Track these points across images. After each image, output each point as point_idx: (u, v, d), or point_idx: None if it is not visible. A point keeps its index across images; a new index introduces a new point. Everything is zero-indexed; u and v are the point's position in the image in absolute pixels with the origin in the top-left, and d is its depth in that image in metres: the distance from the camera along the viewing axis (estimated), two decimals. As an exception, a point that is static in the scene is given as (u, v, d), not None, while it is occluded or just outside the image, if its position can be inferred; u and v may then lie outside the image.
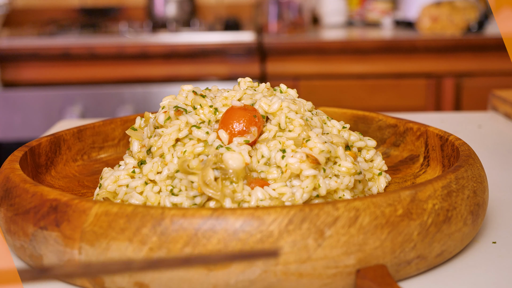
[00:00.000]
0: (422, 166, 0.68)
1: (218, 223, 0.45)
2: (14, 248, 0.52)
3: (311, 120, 0.61)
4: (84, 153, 0.72)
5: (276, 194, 0.54)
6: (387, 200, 0.48)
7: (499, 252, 0.54)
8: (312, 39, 2.24)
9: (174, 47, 2.01)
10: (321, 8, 2.57)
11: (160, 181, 0.57)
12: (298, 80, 2.17)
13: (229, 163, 0.54)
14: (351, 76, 2.19)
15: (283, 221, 0.45)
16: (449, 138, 0.64)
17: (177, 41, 2.04)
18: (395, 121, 0.73)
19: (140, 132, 0.64)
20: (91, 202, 0.48)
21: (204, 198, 0.54)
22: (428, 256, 0.49)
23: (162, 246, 0.45)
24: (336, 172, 0.57)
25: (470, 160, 0.57)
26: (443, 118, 1.14)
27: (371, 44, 2.16)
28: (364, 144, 0.64)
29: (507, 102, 1.08)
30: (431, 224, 0.49)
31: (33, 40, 2.09)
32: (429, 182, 0.51)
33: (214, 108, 0.61)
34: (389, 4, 2.58)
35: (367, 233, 0.46)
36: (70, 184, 0.65)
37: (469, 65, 2.16)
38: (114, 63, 1.98)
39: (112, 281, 0.46)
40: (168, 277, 0.45)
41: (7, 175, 0.55)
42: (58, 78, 2.03)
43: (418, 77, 2.18)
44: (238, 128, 0.58)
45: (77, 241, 0.47)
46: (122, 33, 2.18)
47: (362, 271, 0.46)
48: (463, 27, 2.19)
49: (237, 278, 0.44)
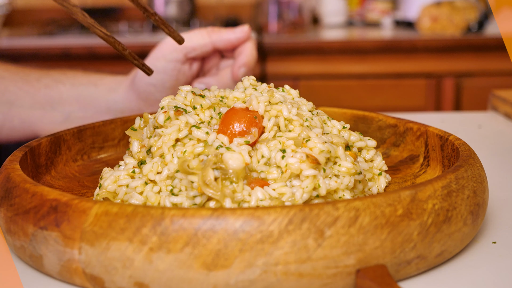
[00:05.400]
0: (422, 166, 0.68)
1: (218, 223, 0.45)
2: (14, 248, 0.52)
3: (311, 120, 0.61)
4: (84, 153, 0.72)
5: (276, 194, 0.54)
6: (387, 200, 0.48)
7: (499, 252, 0.54)
8: (312, 39, 2.25)
9: (174, 47, 2.01)
10: (321, 8, 2.57)
11: (160, 181, 0.57)
12: (298, 80, 2.17)
13: (229, 163, 0.54)
14: (351, 76, 2.19)
15: (283, 221, 0.45)
16: (449, 138, 0.64)
17: (177, 41, 2.04)
18: (395, 121, 0.73)
19: (140, 132, 0.64)
20: (91, 202, 0.48)
21: (204, 198, 0.54)
22: (428, 256, 0.49)
23: (162, 246, 0.45)
24: (336, 172, 0.57)
25: (470, 160, 0.57)
26: (443, 118, 1.14)
27: (371, 44, 2.16)
28: (364, 144, 0.64)
29: (507, 102, 1.08)
30: (431, 224, 0.49)
31: (33, 40, 2.09)
32: (429, 182, 0.51)
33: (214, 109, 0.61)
34: (389, 4, 2.58)
35: (367, 233, 0.46)
36: (70, 184, 0.65)
37: (469, 65, 2.17)
38: (114, 63, 1.98)
39: (112, 281, 0.46)
40: (168, 277, 0.45)
41: (7, 175, 0.55)
42: (58, 78, 2.02)
43: (418, 77, 2.18)
44: (238, 129, 0.58)
45: (77, 241, 0.47)
46: (122, 33, 2.18)
47: (362, 271, 0.46)
48: (463, 27, 2.19)
49: (237, 278, 0.44)
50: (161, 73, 0.88)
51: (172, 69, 0.88)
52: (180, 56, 0.88)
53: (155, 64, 0.88)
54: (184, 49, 0.88)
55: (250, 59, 0.89)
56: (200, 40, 0.88)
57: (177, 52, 0.88)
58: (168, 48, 0.89)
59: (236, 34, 0.89)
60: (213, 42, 0.89)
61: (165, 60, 0.88)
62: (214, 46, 0.89)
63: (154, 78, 0.89)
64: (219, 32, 0.89)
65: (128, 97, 0.93)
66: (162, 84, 0.89)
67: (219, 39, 0.89)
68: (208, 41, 0.89)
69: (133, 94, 0.92)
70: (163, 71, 0.88)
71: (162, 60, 0.88)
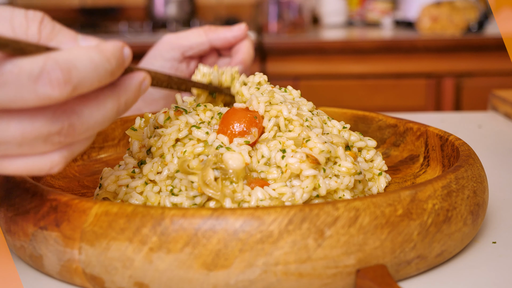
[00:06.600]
0: (422, 166, 0.68)
1: (218, 223, 0.45)
2: (14, 248, 0.52)
3: (311, 120, 0.61)
4: (84, 153, 0.72)
5: (276, 194, 0.54)
6: (387, 200, 0.48)
7: (499, 252, 0.54)
8: (312, 39, 2.25)
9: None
10: (321, 8, 2.57)
11: (160, 181, 0.57)
12: (298, 80, 2.17)
13: (229, 163, 0.54)
14: (351, 76, 2.19)
15: (283, 221, 0.45)
16: (449, 138, 0.64)
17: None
18: (395, 121, 0.73)
19: (140, 132, 0.64)
20: (91, 202, 0.48)
21: (204, 198, 0.54)
22: (428, 256, 0.49)
23: (162, 246, 0.45)
24: (336, 172, 0.57)
25: (470, 160, 0.57)
26: (443, 118, 1.14)
27: (371, 44, 2.16)
28: (364, 144, 0.64)
29: (507, 102, 1.08)
30: (431, 224, 0.49)
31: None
32: (429, 182, 0.51)
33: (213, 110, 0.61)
34: (389, 4, 2.58)
35: (367, 233, 0.46)
36: (70, 184, 0.65)
37: (469, 65, 2.17)
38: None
39: (112, 281, 0.46)
40: (168, 277, 0.45)
41: (7, 175, 0.55)
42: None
43: (418, 77, 2.18)
44: (238, 129, 0.58)
45: (77, 241, 0.47)
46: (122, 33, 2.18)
47: (362, 271, 0.46)
48: (463, 27, 2.19)
49: (237, 278, 0.44)
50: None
51: (170, 68, 0.88)
52: (177, 55, 0.88)
53: (153, 63, 0.89)
54: (181, 48, 0.88)
55: (247, 57, 0.89)
56: (197, 38, 0.88)
57: (174, 51, 0.88)
58: (165, 47, 0.89)
59: (233, 32, 0.89)
60: (210, 40, 0.89)
61: (163, 59, 0.88)
62: (211, 44, 0.89)
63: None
64: (216, 30, 0.89)
65: None
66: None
67: (216, 37, 0.89)
68: (205, 39, 0.89)
69: None
70: (160, 70, 0.88)
71: (160, 59, 0.88)
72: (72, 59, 0.40)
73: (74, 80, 0.40)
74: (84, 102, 0.43)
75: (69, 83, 0.39)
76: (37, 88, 0.39)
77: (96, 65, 0.41)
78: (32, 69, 0.39)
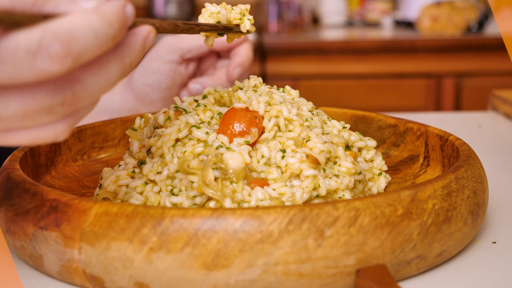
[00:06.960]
0: (422, 166, 0.68)
1: (218, 223, 0.45)
2: (14, 248, 0.52)
3: (311, 120, 0.61)
4: (84, 153, 0.72)
5: (276, 194, 0.54)
6: (387, 200, 0.48)
7: (499, 252, 0.54)
8: (312, 39, 2.25)
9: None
10: (321, 8, 2.57)
11: (160, 181, 0.57)
12: (298, 80, 2.17)
13: (229, 163, 0.54)
14: (351, 76, 2.19)
15: (283, 221, 0.45)
16: (449, 138, 0.64)
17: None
18: (395, 121, 0.73)
19: (140, 132, 0.64)
20: (91, 202, 0.48)
21: (204, 198, 0.54)
22: (428, 256, 0.49)
23: (162, 246, 0.45)
24: (336, 172, 0.57)
25: (470, 160, 0.57)
26: (443, 118, 1.14)
27: (371, 44, 2.16)
28: (364, 144, 0.64)
29: (507, 102, 1.08)
30: (431, 224, 0.49)
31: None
32: (429, 182, 0.51)
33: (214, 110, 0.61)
34: (389, 4, 2.58)
35: (367, 233, 0.46)
36: (70, 184, 0.65)
37: (469, 65, 2.17)
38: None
39: (112, 281, 0.46)
40: (168, 277, 0.45)
41: (7, 175, 0.55)
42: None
43: (418, 77, 2.18)
44: (238, 129, 0.58)
45: (77, 241, 0.47)
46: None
47: (362, 271, 0.46)
48: (463, 27, 2.19)
49: (237, 278, 0.44)
50: (157, 74, 0.88)
51: (168, 70, 0.88)
52: (176, 57, 0.88)
53: (151, 65, 0.88)
54: (180, 50, 0.88)
55: (245, 59, 0.89)
56: (196, 41, 0.88)
57: (173, 53, 0.88)
58: (164, 49, 0.89)
59: None
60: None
61: (161, 61, 0.88)
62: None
63: (150, 79, 0.89)
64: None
65: (125, 97, 0.93)
66: (158, 85, 0.89)
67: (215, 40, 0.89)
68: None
69: (130, 94, 0.92)
70: (159, 72, 0.88)
71: (158, 61, 0.88)
72: (72, 28, 0.37)
73: (75, 52, 0.37)
74: (87, 69, 0.40)
75: (69, 55, 0.37)
76: (35, 64, 0.36)
77: (97, 32, 0.38)
78: (29, 45, 0.36)
